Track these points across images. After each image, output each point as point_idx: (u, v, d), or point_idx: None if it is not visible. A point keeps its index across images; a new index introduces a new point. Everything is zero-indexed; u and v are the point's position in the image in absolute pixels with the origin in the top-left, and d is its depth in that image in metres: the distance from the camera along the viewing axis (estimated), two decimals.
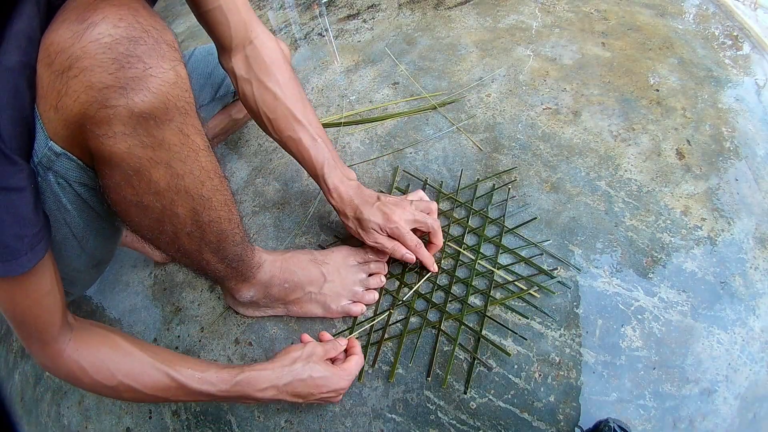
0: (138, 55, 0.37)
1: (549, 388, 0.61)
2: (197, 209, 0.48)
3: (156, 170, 0.43)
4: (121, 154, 0.40)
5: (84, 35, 0.36)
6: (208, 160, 0.47)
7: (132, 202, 0.45)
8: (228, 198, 0.52)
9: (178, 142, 0.43)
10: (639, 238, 0.70)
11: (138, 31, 0.38)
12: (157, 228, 0.48)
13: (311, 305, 0.69)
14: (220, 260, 0.56)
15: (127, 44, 0.37)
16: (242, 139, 1.00)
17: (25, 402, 0.79)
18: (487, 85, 0.95)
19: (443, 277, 0.71)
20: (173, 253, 0.53)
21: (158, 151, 0.42)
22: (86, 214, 0.48)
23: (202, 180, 0.47)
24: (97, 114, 0.37)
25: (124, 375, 0.49)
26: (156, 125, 0.40)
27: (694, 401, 0.58)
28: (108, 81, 0.36)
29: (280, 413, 0.65)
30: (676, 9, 1.07)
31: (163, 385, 0.51)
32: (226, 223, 0.52)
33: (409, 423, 0.61)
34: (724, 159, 0.78)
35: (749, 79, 0.90)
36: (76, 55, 0.36)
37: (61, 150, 0.41)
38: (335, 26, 1.22)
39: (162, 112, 0.40)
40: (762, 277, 0.66)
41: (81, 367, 0.48)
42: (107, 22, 0.36)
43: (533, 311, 0.66)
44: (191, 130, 0.44)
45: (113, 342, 0.51)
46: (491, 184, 0.79)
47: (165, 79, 0.39)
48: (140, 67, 0.37)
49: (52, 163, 0.41)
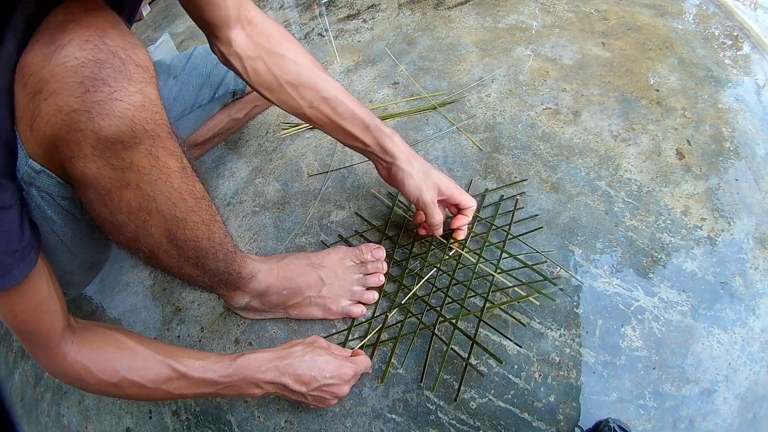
0: (103, 78, 0.37)
1: (549, 388, 0.61)
2: (171, 230, 0.48)
3: (126, 191, 0.43)
4: (92, 175, 0.40)
5: (52, 58, 0.36)
6: (181, 182, 0.46)
7: (107, 220, 0.45)
8: (206, 218, 0.50)
9: (148, 164, 0.42)
10: (639, 238, 0.70)
11: (104, 53, 0.37)
12: (133, 246, 0.49)
13: (311, 308, 0.69)
14: (203, 273, 0.56)
15: (92, 67, 0.37)
16: (242, 139, 1.00)
17: (25, 402, 0.79)
18: (487, 85, 0.95)
19: (444, 278, 0.71)
20: (155, 267, 0.53)
21: (128, 173, 0.42)
22: (72, 224, 0.48)
23: (174, 202, 0.46)
24: (67, 137, 0.38)
25: (126, 370, 0.49)
26: (124, 148, 0.40)
27: (694, 401, 0.58)
28: (75, 105, 0.37)
29: (280, 413, 0.65)
30: (676, 9, 1.07)
31: (166, 376, 0.51)
32: (205, 241, 0.52)
33: (409, 423, 0.61)
34: (724, 159, 0.78)
35: (749, 79, 0.90)
36: (45, 78, 0.36)
37: (40, 167, 0.41)
38: (335, 26, 1.22)
39: (129, 137, 0.40)
40: (762, 277, 0.66)
41: (85, 367, 0.48)
42: (73, 44, 0.36)
43: (534, 311, 0.66)
44: (161, 152, 0.43)
45: (115, 339, 0.51)
46: (500, 194, 0.79)
47: (131, 103, 0.39)
48: (105, 90, 0.37)
49: (33, 179, 0.42)
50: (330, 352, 0.59)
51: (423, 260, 0.72)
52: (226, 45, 0.59)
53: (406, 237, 0.76)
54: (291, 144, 0.95)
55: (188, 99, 0.78)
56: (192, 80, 0.78)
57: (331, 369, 0.57)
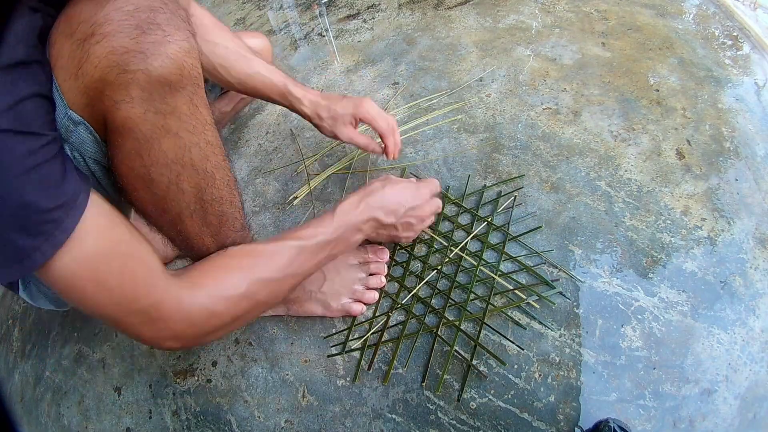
0: (158, 22, 0.39)
1: (549, 388, 0.61)
2: (201, 185, 0.48)
3: (166, 139, 0.43)
4: (135, 119, 0.41)
5: (107, 4, 0.38)
6: (213, 135, 0.48)
7: (140, 176, 0.45)
8: (230, 179, 0.52)
9: (188, 112, 0.44)
10: (639, 238, 0.70)
11: (158, 1, 0.40)
12: (161, 205, 0.48)
13: (311, 304, 0.69)
14: (219, 247, 0.56)
15: (148, 12, 0.39)
16: (242, 139, 1.00)
17: (25, 402, 0.79)
18: (487, 85, 0.95)
19: (444, 281, 0.71)
20: (174, 236, 0.52)
21: (170, 119, 0.43)
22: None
23: (206, 154, 0.47)
24: (117, 79, 0.39)
25: (251, 274, 0.50)
26: (170, 92, 0.41)
27: (694, 401, 0.58)
28: (129, 45, 0.38)
29: (280, 413, 0.65)
30: (676, 9, 1.07)
31: (288, 258, 0.53)
32: (228, 205, 0.53)
33: (409, 423, 0.61)
34: (724, 159, 0.78)
35: (749, 79, 0.90)
36: (99, 22, 0.38)
37: (79, 119, 0.41)
38: (335, 26, 1.22)
39: (177, 79, 0.41)
40: (762, 277, 0.66)
41: (207, 295, 0.46)
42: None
43: (533, 312, 0.66)
44: (200, 101, 0.45)
45: (220, 262, 0.51)
46: (498, 190, 0.79)
47: (182, 47, 0.41)
48: (160, 33, 0.39)
49: (70, 133, 0.42)
50: (404, 181, 0.64)
51: (423, 262, 0.72)
52: None
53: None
54: (291, 144, 0.95)
55: None
56: None
57: (410, 193, 0.63)
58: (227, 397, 0.68)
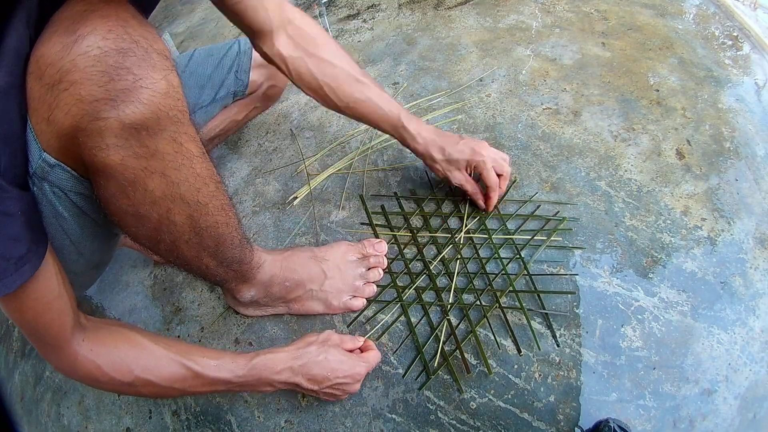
0: (127, 66, 0.37)
1: (549, 388, 0.61)
2: (194, 216, 0.48)
3: (151, 180, 0.43)
4: (114, 166, 0.40)
5: (73, 48, 0.36)
6: (203, 167, 0.47)
7: (129, 213, 0.45)
8: (224, 202, 0.51)
9: (172, 150, 0.43)
10: (639, 238, 0.70)
11: (127, 42, 0.37)
12: (155, 237, 0.48)
13: (312, 302, 0.69)
14: (219, 264, 0.56)
15: (116, 56, 0.37)
16: (242, 139, 1.00)
17: (25, 402, 0.79)
18: (487, 85, 0.95)
19: (444, 279, 0.71)
20: (173, 260, 0.53)
21: (152, 161, 0.41)
22: (82, 221, 0.48)
23: (197, 187, 0.46)
24: (89, 126, 0.38)
25: (141, 370, 0.49)
26: (148, 135, 0.40)
27: (694, 401, 0.58)
28: (98, 94, 0.36)
29: (280, 413, 0.65)
30: (676, 9, 1.07)
31: (180, 375, 0.51)
32: (224, 227, 0.52)
33: (409, 423, 0.61)
34: (724, 159, 0.78)
35: (749, 79, 0.90)
36: (66, 68, 0.36)
37: (54, 161, 0.41)
38: (335, 26, 1.22)
39: (154, 123, 0.39)
40: (762, 277, 0.66)
41: (97, 366, 0.48)
42: (96, 34, 0.36)
43: (533, 313, 0.66)
44: (184, 138, 0.43)
45: (127, 338, 0.50)
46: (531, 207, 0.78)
47: (156, 90, 0.39)
48: (130, 78, 0.37)
49: (47, 173, 0.41)
50: (343, 352, 0.59)
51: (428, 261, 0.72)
52: (268, 46, 0.62)
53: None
54: (291, 144, 0.95)
55: (189, 100, 0.77)
56: (193, 81, 0.78)
57: (344, 369, 0.58)
58: (227, 397, 0.68)
